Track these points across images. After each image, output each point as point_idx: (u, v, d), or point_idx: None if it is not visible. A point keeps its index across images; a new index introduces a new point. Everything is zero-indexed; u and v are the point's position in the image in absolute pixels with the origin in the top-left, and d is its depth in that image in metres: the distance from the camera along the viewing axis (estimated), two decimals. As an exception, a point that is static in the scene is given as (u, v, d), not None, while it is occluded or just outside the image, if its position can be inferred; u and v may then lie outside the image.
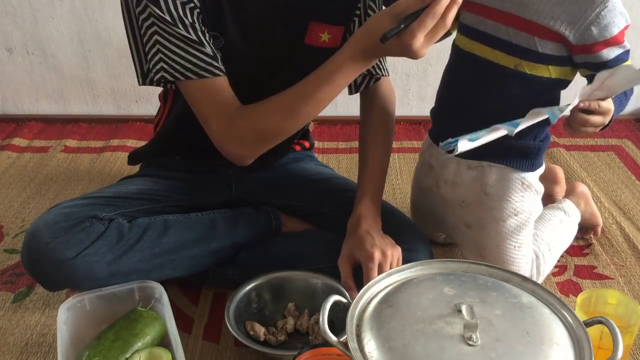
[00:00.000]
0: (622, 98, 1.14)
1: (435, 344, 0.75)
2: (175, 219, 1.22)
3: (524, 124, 1.02)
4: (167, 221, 1.21)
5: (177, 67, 1.05)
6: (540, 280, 1.30)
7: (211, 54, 1.06)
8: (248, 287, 1.18)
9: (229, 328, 1.09)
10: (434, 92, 2.34)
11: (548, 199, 1.44)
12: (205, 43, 1.06)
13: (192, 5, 1.04)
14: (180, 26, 1.03)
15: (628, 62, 1.12)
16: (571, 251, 1.43)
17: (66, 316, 1.06)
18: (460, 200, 1.25)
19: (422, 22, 0.91)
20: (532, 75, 1.12)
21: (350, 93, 1.27)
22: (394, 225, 1.20)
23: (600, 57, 1.09)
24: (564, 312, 0.82)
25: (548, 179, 1.44)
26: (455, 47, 1.24)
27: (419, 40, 0.93)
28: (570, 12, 1.07)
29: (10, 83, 2.16)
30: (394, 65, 2.13)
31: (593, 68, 1.11)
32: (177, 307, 1.24)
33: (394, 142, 2.00)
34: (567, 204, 1.41)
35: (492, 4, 1.14)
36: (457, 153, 0.98)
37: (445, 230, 1.40)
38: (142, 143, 1.93)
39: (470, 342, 0.74)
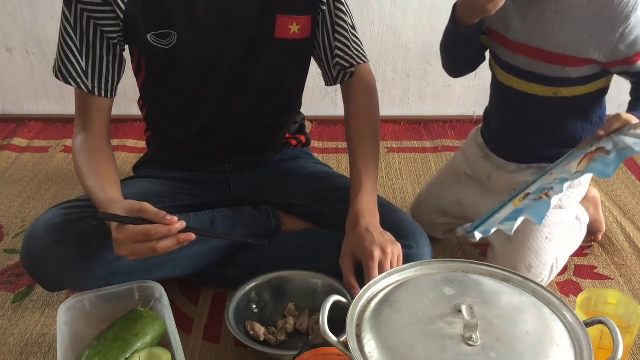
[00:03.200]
0: None
1: (436, 344, 0.75)
2: (175, 218, 1.22)
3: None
4: (167, 220, 1.20)
5: (60, 67, 1.14)
6: (547, 283, 1.30)
7: (84, 68, 1.13)
8: (248, 287, 1.18)
9: (229, 328, 1.09)
10: (434, 92, 2.34)
11: None
12: (85, 56, 1.13)
13: (100, 16, 1.10)
14: (72, 31, 1.11)
15: None
16: (571, 251, 1.44)
17: (66, 316, 1.06)
18: (511, 186, 1.26)
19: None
20: (572, 96, 1.16)
21: (328, 85, 1.28)
22: (394, 222, 1.20)
23: (637, 67, 1.11)
24: (564, 312, 0.82)
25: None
26: (494, 78, 1.27)
27: (124, 247, 0.99)
28: (595, 36, 1.09)
29: (10, 83, 2.16)
30: (394, 64, 2.13)
31: (632, 76, 1.14)
32: (177, 307, 1.24)
33: (393, 142, 2.00)
34: (579, 209, 1.41)
35: (519, 39, 1.15)
36: (475, 240, 1.07)
37: (467, 215, 1.38)
38: (141, 143, 1.93)
39: (471, 342, 0.74)
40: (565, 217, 1.26)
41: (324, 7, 1.18)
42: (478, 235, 1.06)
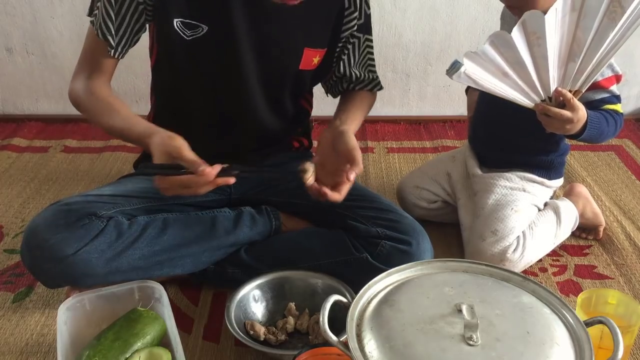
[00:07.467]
0: (598, 122, 1.19)
1: (436, 343, 0.75)
2: (175, 217, 1.22)
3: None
4: (167, 219, 1.21)
5: (96, 13, 1.17)
6: (521, 264, 1.32)
7: (112, 28, 1.16)
8: (248, 287, 1.18)
9: (229, 328, 1.09)
10: (434, 92, 2.34)
11: None
12: (115, 19, 1.16)
13: None
14: None
15: (617, 105, 1.24)
16: (571, 251, 1.43)
17: (66, 316, 1.06)
18: (484, 187, 1.40)
19: (175, 180, 1.01)
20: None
21: (337, 93, 1.38)
22: (394, 219, 1.21)
23: (586, 98, 1.22)
24: (565, 312, 0.83)
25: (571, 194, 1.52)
26: None
27: (169, 191, 1.03)
28: None
29: (10, 83, 2.16)
30: (394, 65, 2.13)
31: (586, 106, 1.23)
32: (177, 307, 1.24)
33: (393, 142, 2.01)
34: (562, 203, 1.42)
35: None
36: (462, 74, 1.07)
37: (450, 189, 1.50)
38: (142, 143, 1.93)
39: (471, 342, 0.74)
40: (528, 200, 1.36)
41: (355, 39, 1.29)
42: (457, 71, 1.07)
